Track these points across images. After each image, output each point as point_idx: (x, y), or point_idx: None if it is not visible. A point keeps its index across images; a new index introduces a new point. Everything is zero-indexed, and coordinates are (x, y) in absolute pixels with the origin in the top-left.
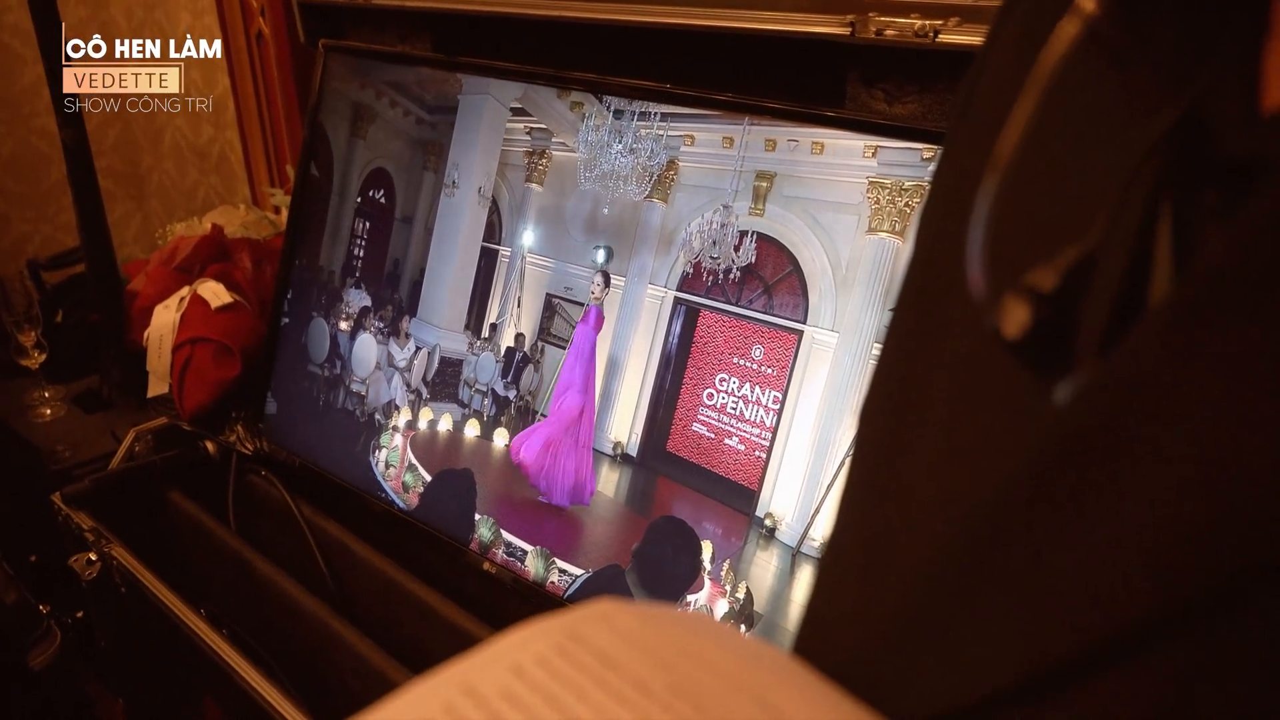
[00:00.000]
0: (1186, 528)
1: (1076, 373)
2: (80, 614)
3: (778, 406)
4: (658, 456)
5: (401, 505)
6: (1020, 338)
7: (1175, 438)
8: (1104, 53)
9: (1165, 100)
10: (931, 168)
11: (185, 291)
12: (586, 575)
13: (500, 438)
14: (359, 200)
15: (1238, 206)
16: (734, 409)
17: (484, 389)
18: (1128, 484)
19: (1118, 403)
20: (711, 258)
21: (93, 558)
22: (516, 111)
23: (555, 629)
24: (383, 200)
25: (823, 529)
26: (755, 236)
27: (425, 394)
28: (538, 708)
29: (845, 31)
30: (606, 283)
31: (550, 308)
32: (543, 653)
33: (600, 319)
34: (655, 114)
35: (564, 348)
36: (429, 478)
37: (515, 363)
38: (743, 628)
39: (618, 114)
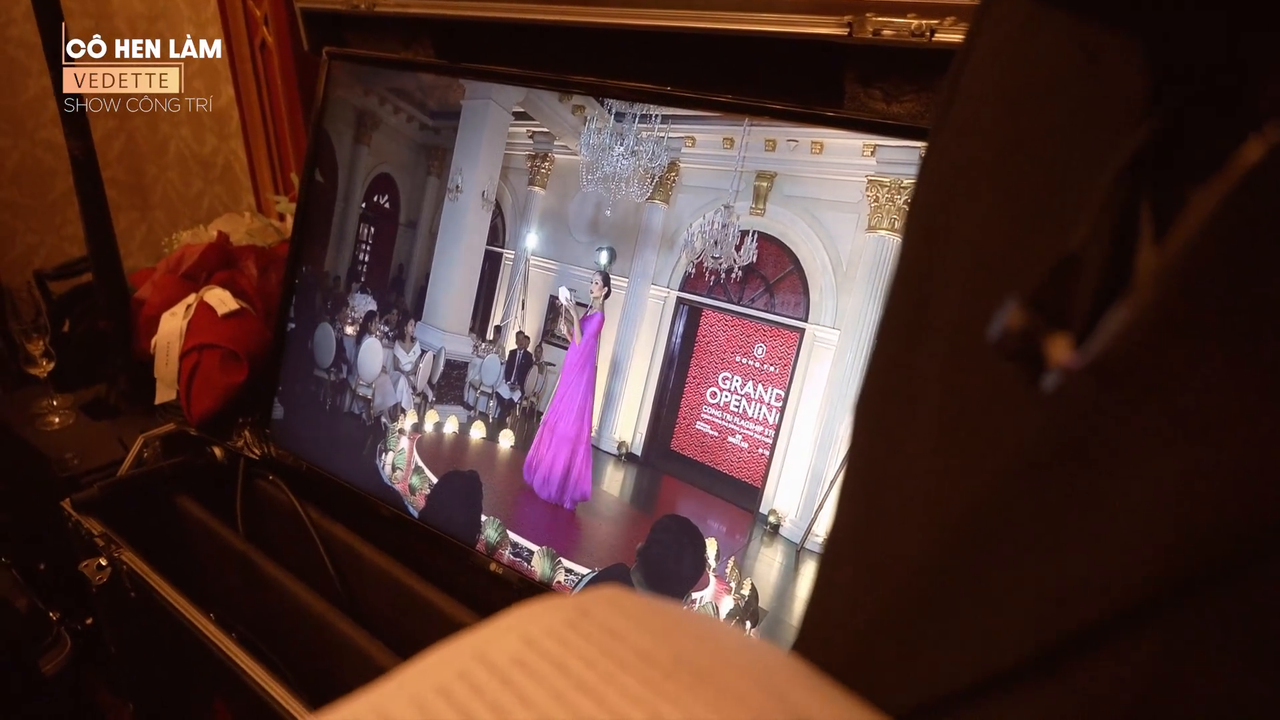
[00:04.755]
0: (1182, 502)
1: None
2: (90, 621)
3: (780, 404)
4: (662, 455)
5: (409, 508)
6: (1010, 343)
7: (1164, 411)
8: (1085, 50)
9: (1148, 100)
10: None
11: (192, 299)
12: (592, 574)
13: (505, 439)
14: (363, 206)
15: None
16: (737, 407)
17: (489, 391)
18: (1121, 462)
19: (1104, 382)
20: (713, 257)
21: (103, 563)
22: (519, 115)
23: (565, 605)
24: (387, 205)
25: (826, 525)
26: (756, 236)
27: (431, 397)
28: (547, 673)
29: (843, 32)
30: (606, 283)
31: (554, 309)
32: (553, 625)
33: (601, 322)
34: (656, 116)
35: (566, 349)
36: (435, 480)
37: (519, 364)
38: (748, 624)
39: (619, 116)
